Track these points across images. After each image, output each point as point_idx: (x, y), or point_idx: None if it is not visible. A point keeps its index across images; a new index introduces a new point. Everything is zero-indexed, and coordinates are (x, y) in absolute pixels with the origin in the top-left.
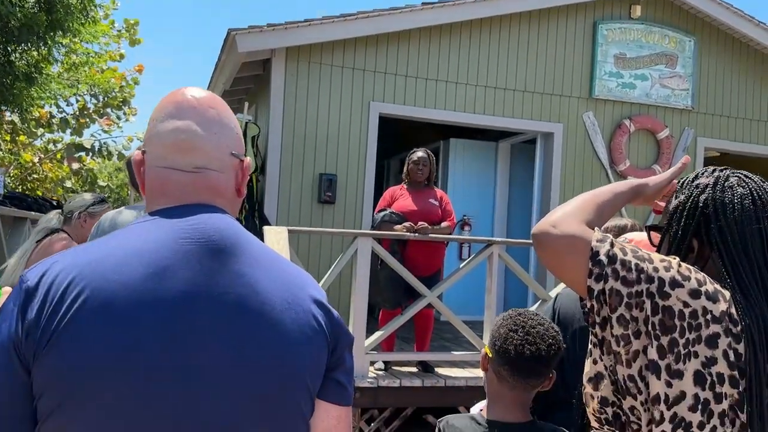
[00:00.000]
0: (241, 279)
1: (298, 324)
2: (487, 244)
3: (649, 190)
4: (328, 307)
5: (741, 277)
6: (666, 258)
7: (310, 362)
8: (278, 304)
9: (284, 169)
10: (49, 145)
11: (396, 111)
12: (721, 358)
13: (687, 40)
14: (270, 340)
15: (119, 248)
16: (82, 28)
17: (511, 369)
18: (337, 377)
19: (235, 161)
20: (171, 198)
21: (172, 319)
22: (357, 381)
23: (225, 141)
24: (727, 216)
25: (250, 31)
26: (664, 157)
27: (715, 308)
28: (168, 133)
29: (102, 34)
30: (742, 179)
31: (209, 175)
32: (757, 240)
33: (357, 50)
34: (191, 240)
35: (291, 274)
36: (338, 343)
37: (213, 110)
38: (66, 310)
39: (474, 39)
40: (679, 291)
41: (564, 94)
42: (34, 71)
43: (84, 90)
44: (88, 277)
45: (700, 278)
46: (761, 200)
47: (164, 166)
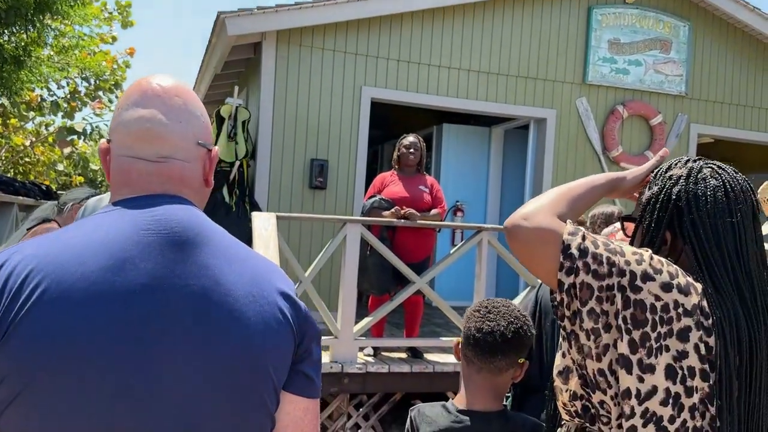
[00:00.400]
0: (204, 271)
1: (262, 317)
2: (476, 231)
3: (627, 183)
4: (294, 299)
5: (713, 270)
6: (638, 251)
7: (275, 355)
8: (242, 296)
9: (275, 154)
10: (41, 129)
11: (388, 96)
12: (692, 351)
13: (681, 26)
14: (233, 333)
15: (80, 239)
16: (71, 11)
17: (474, 348)
18: (304, 370)
19: (202, 151)
20: (135, 188)
21: (131, 310)
22: (346, 366)
23: (191, 130)
24: (699, 209)
25: (239, 14)
26: (657, 144)
27: (687, 301)
28: (132, 122)
29: (93, 16)
30: (716, 171)
31: (174, 165)
32: (729, 233)
33: (349, 34)
34: (153, 231)
35: (257, 266)
36: (305, 335)
37: (179, 99)
38: (24, 300)
39: (467, 23)
40: (651, 284)
41: (557, 79)
42: (23, 54)
43: (75, 73)
44: (47, 267)
45: (672, 271)
46: (734, 192)
47: (129, 155)
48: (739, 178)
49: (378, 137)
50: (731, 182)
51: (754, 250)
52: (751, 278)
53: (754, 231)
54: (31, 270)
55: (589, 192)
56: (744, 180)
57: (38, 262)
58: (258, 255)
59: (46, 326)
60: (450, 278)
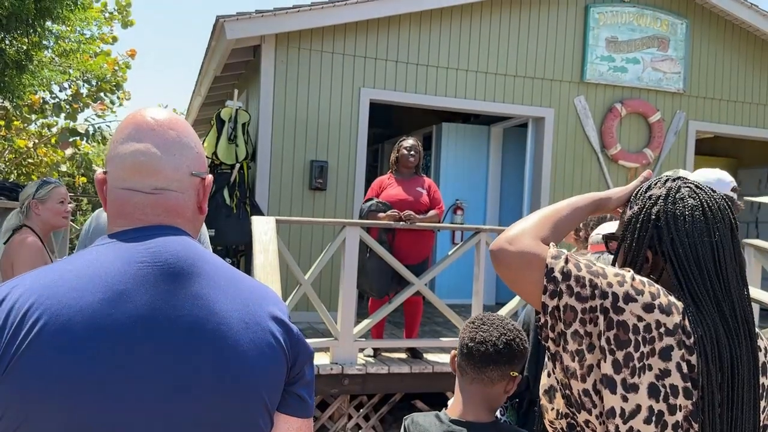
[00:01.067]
0: (197, 301)
1: (255, 343)
2: (475, 232)
3: (611, 203)
4: (286, 322)
5: (693, 288)
6: (620, 272)
7: (268, 380)
8: (235, 324)
9: (275, 155)
10: (44, 130)
11: (387, 97)
12: (675, 370)
13: (679, 23)
14: (226, 360)
15: (77, 273)
16: (72, 15)
17: (467, 358)
18: (298, 391)
19: (195, 180)
20: (130, 219)
21: (128, 343)
22: (346, 368)
23: (185, 162)
24: (678, 228)
25: (238, 18)
26: (656, 141)
27: (669, 321)
28: (128, 155)
29: (93, 19)
30: (693, 190)
31: (169, 196)
32: (708, 252)
33: (347, 36)
34: (148, 264)
35: (249, 292)
36: (297, 358)
37: (173, 132)
38: (24, 335)
39: (465, 24)
40: (633, 305)
41: (555, 78)
42: (24, 59)
43: (76, 76)
44: (46, 302)
45: (654, 291)
46: (711, 211)
47: (124, 188)
48: (716, 197)
49: (378, 136)
50: (709, 202)
51: (733, 267)
52: (730, 295)
53: (732, 249)
54: (32, 304)
55: (573, 213)
56: (722, 199)
57: (38, 297)
58: (250, 280)
59: (47, 361)
60: (450, 277)
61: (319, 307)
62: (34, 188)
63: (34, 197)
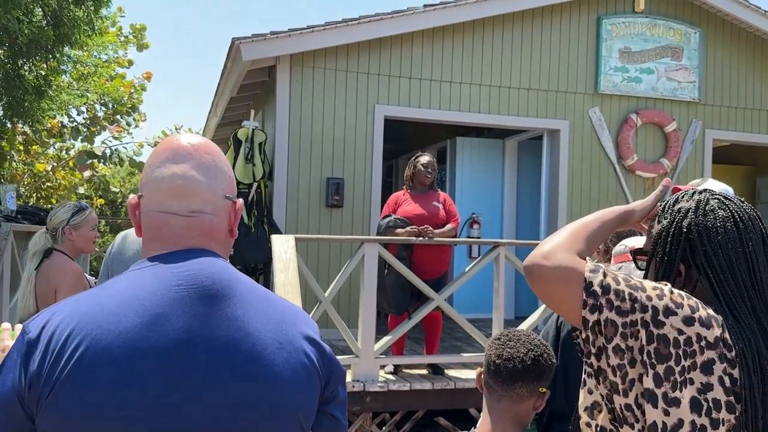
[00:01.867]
0: (233, 322)
1: (289, 363)
2: (493, 246)
3: (636, 216)
4: (319, 342)
5: (731, 300)
6: (658, 285)
7: (302, 399)
8: (270, 344)
9: (291, 174)
10: (62, 153)
11: (401, 113)
12: (717, 384)
13: (692, 32)
14: (262, 381)
15: (116, 297)
16: (89, 40)
17: (494, 375)
18: (331, 411)
19: (228, 203)
20: (166, 243)
21: (167, 365)
22: (367, 385)
23: (219, 185)
24: (711, 240)
25: (253, 39)
26: (672, 151)
27: (709, 334)
28: (165, 179)
29: (109, 43)
30: (722, 202)
31: (204, 219)
32: (742, 262)
33: (360, 54)
34: (184, 287)
35: (282, 313)
36: (330, 377)
37: (208, 156)
38: (66, 361)
39: (477, 39)
40: (673, 319)
41: (569, 90)
42: (43, 84)
43: (93, 99)
44: (86, 328)
45: (693, 304)
46: (743, 222)
47: (160, 211)
48: (746, 207)
49: (392, 152)
50: (739, 212)
51: (765, 273)
52: (767, 305)
53: (766, 258)
54: (72, 330)
55: (602, 227)
56: (751, 209)
57: (77, 323)
58: (282, 300)
59: (87, 387)
60: (468, 291)
61: (339, 325)
62: (69, 214)
63: (68, 223)
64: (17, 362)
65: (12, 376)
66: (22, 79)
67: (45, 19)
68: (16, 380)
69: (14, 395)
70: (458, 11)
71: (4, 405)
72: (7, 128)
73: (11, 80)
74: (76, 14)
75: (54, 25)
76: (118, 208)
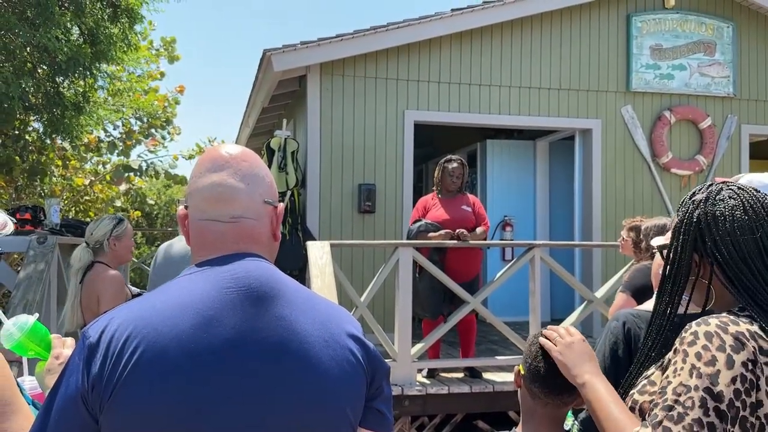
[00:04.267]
0: (281, 322)
1: (336, 360)
2: (528, 248)
3: None
4: (363, 340)
5: (747, 287)
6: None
7: (350, 395)
8: (317, 342)
9: (324, 181)
10: (99, 168)
11: (431, 117)
12: (765, 398)
13: (725, 26)
14: (311, 378)
15: (169, 302)
16: (125, 56)
17: (542, 386)
18: (377, 406)
19: (268, 208)
20: (211, 249)
21: (221, 365)
22: (405, 389)
23: (258, 190)
24: (719, 228)
25: (284, 50)
26: (708, 147)
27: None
28: (206, 188)
29: (143, 57)
30: (734, 191)
31: (245, 224)
32: (753, 248)
33: (389, 61)
34: (233, 289)
35: (327, 312)
36: (375, 374)
37: (246, 163)
38: (125, 363)
39: (506, 41)
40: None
41: (600, 89)
42: (82, 100)
43: (129, 114)
44: (142, 331)
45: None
46: (753, 210)
47: (204, 219)
48: (759, 196)
49: (422, 156)
50: (750, 200)
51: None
52: None
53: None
54: (129, 334)
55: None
56: (765, 197)
57: (134, 327)
58: (325, 300)
59: (147, 386)
60: (502, 294)
61: (375, 329)
62: (111, 226)
63: (111, 235)
64: (79, 365)
65: (75, 378)
66: (62, 96)
67: (82, 36)
68: (79, 382)
69: (78, 397)
70: (485, 14)
71: (69, 406)
72: (47, 144)
73: (51, 97)
74: (111, 31)
75: (91, 43)
76: (154, 220)
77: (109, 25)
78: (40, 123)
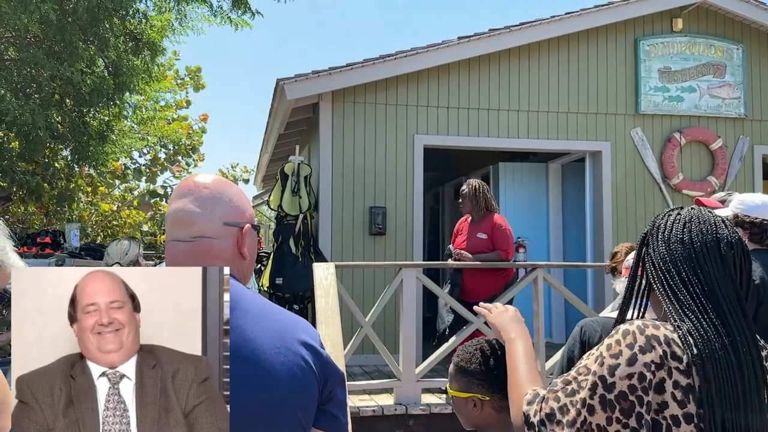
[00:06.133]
0: (234, 330)
1: (287, 366)
2: (531, 268)
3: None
4: (316, 348)
5: (675, 292)
6: (594, 351)
7: (301, 399)
8: (268, 349)
9: (336, 204)
10: (126, 194)
11: (440, 142)
12: (671, 400)
13: (734, 48)
14: (261, 382)
15: None
16: (147, 87)
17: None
18: (331, 410)
19: (231, 229)
20: (178, 265)
21: None
22: (410, 408)
23: (217, 213)
24: (656, 238)
25: (296, 79)
26: (720, 168)
27: (654, 356)
28: (172, 213)
29: (166, 89)
30: (687, 211)
31: (204, 243)
32: (683, 256)
33: (399, 87)
34: None
35: (281, 322)
36: (328, 380)
37: (207, 190)
38: None
39: (513, 66)
40: (619, 371)
41: (609, 112)
42: (106, 129)
43: (154, 141)
44: None
45: (630, 341)
46: (691, 223)
47: (171, 239)
48: (706, 215)
49: (437, 179)
50: (694, 216)
51: (722, 275)
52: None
53: (720, 258)
54: None
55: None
56: (712, 216)
57: None
58: (283, 311)
59: None
60: None
61: (380, 348)
62: (139, 248)
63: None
64: None
65: None
66: (87, 126)
67: (106, 69)
68: None
69: None
70: (492, 42)
71: None
72: (74, 172)
73: (77, 127)
74: (134, 63)
75: (114, 74)
76: None
77: (131, 57)
78: (68, 151)
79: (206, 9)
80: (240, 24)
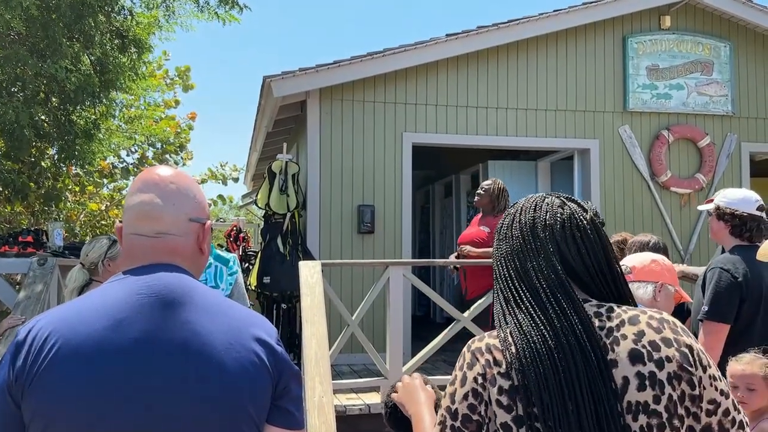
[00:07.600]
0: (186, 325)
1: (239, 362)
2: None
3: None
4: (270, 343)
5: (503, 292)
6: (455, 372)
7: (252, 394)
8: (220, 345)
9: (324, 202)
10: (115, 193)
11: (429, 140)
12: (496, 407)
13: (722, 46)
14: (213, 376)
15: (88, 305)
16: (134, 85)
17: None
18: (285, 405)
19: (194, 225)
20: (136, 259)
21: (126, 361)
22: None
23: (183, 209)
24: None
25: (283, 77)
26: (707, 165)
27: (476, 370)
28: (136, 206)
29: (154, 88)
30: (524, 201)
31: (167, 239)
32: (507, 253)
33: (387, 85)
34: (145, 295)
35: (237, 319)
36: (282, 376)
37: (173, 185)
38: (44, 357)
39: (501, 64)
40: (458, 393)
41: (597, 109)
42: (92, 128)
43: (142, 140)
44: (61, 330)
45: (461, 363)
46: (520, 214)
47: (132, 233)
48: (537, 200)
49: (428, 178)
50: (524, 206)
51: (535, 262)
52: (534, 288)
53: (537, 245)
54: (50, 333)
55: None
56: (543, 200)
57: (54, 326)
58: (241, 308)
59: (60, 377)
60: None
61: (366, 346)
62: (106, 248)
63: (106, 256)
64: (8, 360)
65: (3, 372)
66: (73, 124)
67: (92, 67)
68: (5, 375)
69: (5, 387)
70: (480, 39)
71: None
72: (61, 171)
73: (62, 125)
74: (120, 61)
75: (100, 72)
76: None
77: (118, 54)
78: (55, 150)
79: (193, 5)
80: (228, 19)
